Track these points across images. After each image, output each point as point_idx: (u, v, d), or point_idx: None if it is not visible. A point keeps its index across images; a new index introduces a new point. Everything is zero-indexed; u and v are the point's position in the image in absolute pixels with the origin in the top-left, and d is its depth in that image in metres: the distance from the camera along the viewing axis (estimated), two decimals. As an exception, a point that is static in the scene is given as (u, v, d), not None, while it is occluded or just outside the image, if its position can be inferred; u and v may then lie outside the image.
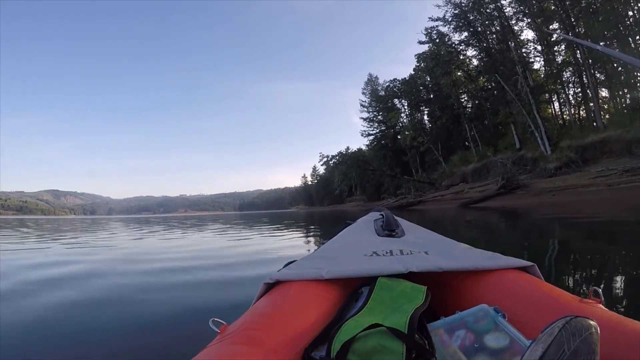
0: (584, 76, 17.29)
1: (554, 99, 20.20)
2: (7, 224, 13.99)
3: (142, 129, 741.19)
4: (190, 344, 0.96)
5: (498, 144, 21.37)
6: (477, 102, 24.71)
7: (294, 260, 0.83)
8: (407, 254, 0.80)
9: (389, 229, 1.13)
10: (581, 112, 18.80)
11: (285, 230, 5.52)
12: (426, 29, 24.74)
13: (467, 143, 25.04)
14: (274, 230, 5.79)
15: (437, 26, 23.75)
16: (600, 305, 0.51)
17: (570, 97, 19.06)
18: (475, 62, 24.36)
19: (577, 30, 17.00)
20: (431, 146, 26.93)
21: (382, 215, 1.30)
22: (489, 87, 23.27)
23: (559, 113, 20.21)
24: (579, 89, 18.55)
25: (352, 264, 0.74)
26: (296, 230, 5.52)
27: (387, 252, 0.82)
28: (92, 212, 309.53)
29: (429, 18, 23.49)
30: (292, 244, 3.69)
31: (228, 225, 8.13)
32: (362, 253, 0.83)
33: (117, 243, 4.50)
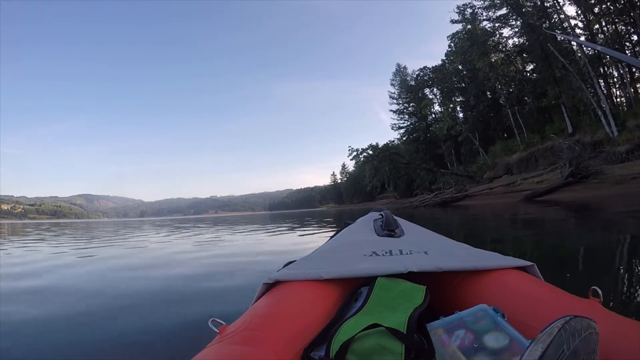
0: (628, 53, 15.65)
1: (607, 73, 17.84)
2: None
3: (172, 133, 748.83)
4: (189, 344, 0.96)
5: (545, 130, 19.16)
6: (513, 85, 22.93)
7: (294, 260, 0.83)
8: (407, 254, 0.80)
9: (388, 229, 1.13)
10: (631, 91, 17.06)
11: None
12: (458, 7, 23.21)
13: (505, 135, 23.55)
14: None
15: (469, 3, 22.30)
16: (600, 305, 0.51)
17: (616, 76, 17.30)
18: (511, 43, 22.56)
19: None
20: (469, 135, 25.33)
21: (381, 215, 1.30)
22: (532, 68, 21.43)
23: (606, 93, 18.13)
24: (626, 69, 16.85)
25: (351, 264, 0.74)
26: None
27: (386, 252, 0.82)
28: (124, 214, 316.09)
29: (463, -8, 21.82)
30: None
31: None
32: (361, 253, 0.83)
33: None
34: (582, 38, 17.47)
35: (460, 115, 28.89)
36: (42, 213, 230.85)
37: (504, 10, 21.15)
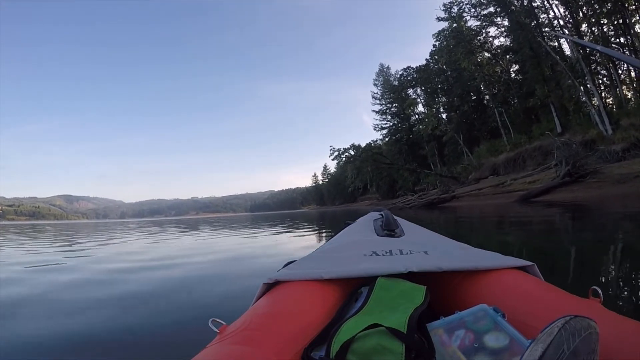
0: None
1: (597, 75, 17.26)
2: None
3: (153, 133, 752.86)
4: (189, 344, 0.96)
5: (532, 130, 18.91)
6: (497, 86, 22.80)
7: (294, 260, 0.83)
8: (407, 253, 0.80)
9: (388, 229, 1.13)
10: (618, 93, 16.70)
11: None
12: (445, 5, 23.05)
13: (489, 136, 23.52)
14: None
15: (457, 1, 22.11)
16: (600, 305, 0.51)
17: (601, 77, 17.00)
18: (497, 43, 22.57)
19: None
20: (455, 135, 25.11)
21: (381, 215, 1.31)
22: (517, 68, 21.39)
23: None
24: (607, 71, 16.74)
25: (351, 264, 0.74)
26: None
27: (386, 252, 0.82)
28: (104, 216, 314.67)
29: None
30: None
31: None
32: (361, 253, 0.83)
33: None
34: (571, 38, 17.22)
35: (444, 116, 28.67)
36: (20, 214, 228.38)
37: (491, 9, 21.15)
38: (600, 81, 17.54)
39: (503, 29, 21.50)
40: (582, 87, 16.09)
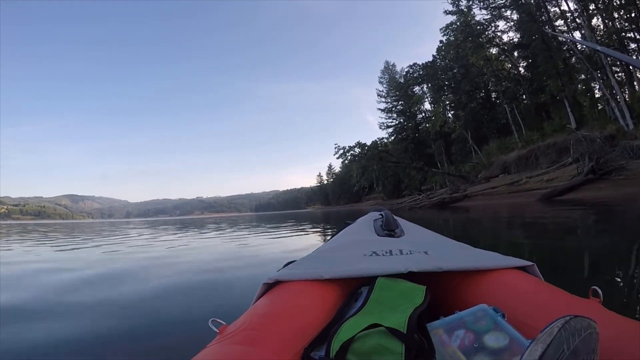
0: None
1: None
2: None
3: (153, 133, 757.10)
4: (189, 344, 0.96)
5: (544, 127, 18.40)
6: (506, 82, 22.35)
7: (294, 260, 0.83)
8: (407, 253, 0.80)
9: (388, 229, 1.13)
10: (633, 89, 16.06)
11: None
12: None
13: (498, 134, 23.06)
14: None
15: None
16: (600, 305, 0.51)
17: (614, 74, 16.08)
18: (506, 37, 22.26)
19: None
20: (463, 132, 24.57)
21: (381, 215, 1.31)
22: (526, 64, 21.01)
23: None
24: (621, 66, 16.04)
25: (351, 264, 0.74)
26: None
27: (386, 252, 0.82)
28: (109, 215, 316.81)
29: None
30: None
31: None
32: (361, 253, 0.83)
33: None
34: (583, 32, 16.47)
35: (450, 114, 28.21)
36: (26, 214, 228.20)
37: (500, 1, 20.89)
38: (617, 76, 17.00)
39: (512, 23, 21.24)
40: (600, 80, 15.56)
